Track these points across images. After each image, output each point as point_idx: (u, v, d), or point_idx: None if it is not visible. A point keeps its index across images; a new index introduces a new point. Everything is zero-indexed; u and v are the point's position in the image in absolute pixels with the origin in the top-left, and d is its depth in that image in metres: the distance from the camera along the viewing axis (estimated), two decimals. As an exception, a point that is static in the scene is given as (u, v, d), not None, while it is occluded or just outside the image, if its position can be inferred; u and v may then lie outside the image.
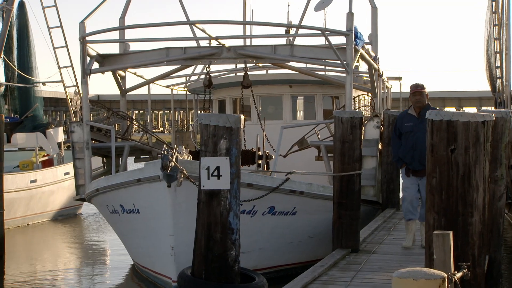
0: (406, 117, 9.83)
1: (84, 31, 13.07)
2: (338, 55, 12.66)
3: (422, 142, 8.21)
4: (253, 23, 17.39)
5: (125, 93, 15.69)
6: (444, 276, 3.59)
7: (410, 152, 9.62)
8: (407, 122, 9.72)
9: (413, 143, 9.57)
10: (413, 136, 9.59)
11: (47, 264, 15.62)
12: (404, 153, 9.73)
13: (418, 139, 9.35)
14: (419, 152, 9.30)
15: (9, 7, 21.66)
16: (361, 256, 9.51)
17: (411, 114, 9.78)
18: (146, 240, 11.41)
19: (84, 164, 13.19)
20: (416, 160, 9.55)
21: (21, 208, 19.76)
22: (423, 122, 8.33)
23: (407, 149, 9.66)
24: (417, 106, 9.70)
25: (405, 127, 9.71)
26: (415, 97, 9.69)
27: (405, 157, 9.73)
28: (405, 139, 9.73)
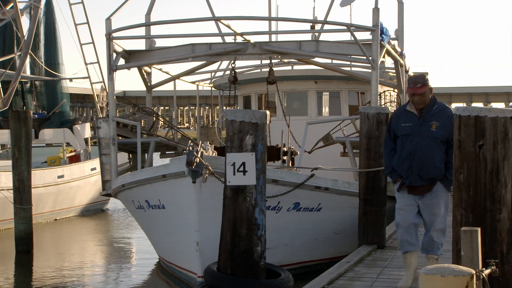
0: (403, 115, 7.42)
1: (110, 27, 13.12)
2: (363, 50, 12.58)
3: (423, 149, 7.15)
4: (279, 19, 17.32)
5: (150, 89, 15.74)
6: (472, 273, 3.55)
7: (407, 161, 7.24)
8: (404, 121, 7.33)
9: (411, 150, 7.22)
10: (411, 141, 7.22)
11: (74, 259, 15.75)
12: (399, 163, 7.34)
13: (418, 145, 7.18)
14: (418, 162, 7.16)
15: (37, 4, 21.84)
16: (387, 253, 9.46)
17: (410, 112, 7.34)
18: (171, 236, 11.44)
19: (110, 160, 13.26)
20: (414, 172, 7.21)
21: (49, 203, 19.94)
22: (425, 123, 7.21)
23: (403, 157, 7.28)
24: (419, 107, 7.31)
25: (402, 129, 7.33)
26: (414, 97, 7.26)
27: (400, 169, 7.34)
28: (401, 145, 7.34)
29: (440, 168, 7.12)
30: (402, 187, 7.38)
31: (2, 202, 17.45)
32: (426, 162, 7.11)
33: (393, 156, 7.40)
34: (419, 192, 7.27)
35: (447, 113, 7.14)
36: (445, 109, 7.26)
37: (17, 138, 15.49)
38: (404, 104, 7.67)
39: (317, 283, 7.66)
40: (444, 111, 7.22)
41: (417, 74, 7.53)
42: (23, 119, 15.58)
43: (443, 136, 7.10)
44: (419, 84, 7.18)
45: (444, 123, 7.09)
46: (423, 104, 7.24)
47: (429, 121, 7.16)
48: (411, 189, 7.30)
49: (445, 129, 7.07)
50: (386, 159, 7.59)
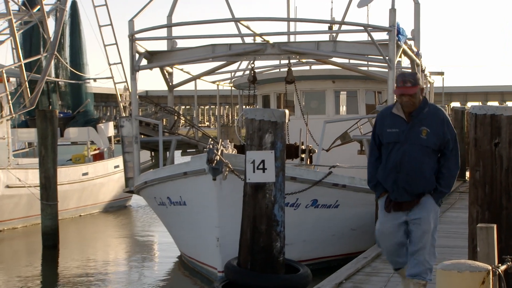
0: (389, 119, 6.12)
1: (133, 29, 13.17)
2: (380, 50, 12.53)
3: (411, 160, 5.91)
4: (297, 20, 17.30)
5: (172, 88, 15.77)
6: (488, 269, 3.52)
7: (392, 173, 6.02)
8: (390, 126, 6.07)
9: (396, 161, 5.99)
10: (398, 150, 5.99)
11: (98, 254, 15.83)
12: (384, 176, 6.11)
13: (405, 154, 5.95)
14: (405, 175, 5.95)
15: (63, 7, 21.98)
16: (403, 249, 9.39)
17: (396, 115, 6.07)
18: (192, 232, 11.47)
19: (133, 158, 13.31)
20: (400, 187, 6.00)
21: (74, 199, 20.04)
22: (414, 129, 5.95)
23: (388, 169, 6.05)
24: (408, 110, 6.05)
25: (387, 135, 6.07)
26: (403, 97, 6.01)
27: (386, 182, 6.11)
28: (387, 154, 6.09)
29: (430, 181, 5.98)
30: (389, 206, 6.12)
31: (30, 198, 17.58)
32: (414, 175, 5.92)
33: (378, 166, 6.19)
34: (405, 208, 6.07)
35: (439, 117, 5.99)
36: (437, 112, 6.03)
37: (44, 136, 15.60)
38: (390, 105, 6.36)
39: (335, 278, 7.64)
40: (436, 114, 6.00)
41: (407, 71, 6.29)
42: (49, 118, 15.68)
43: (434, 144, 5.93)
44: (409, 83, 5.93)
45: (436, 129, 5.93)
46: (412, 107, 5.97)
47: (418, 127, 5.94)
48: (396, 206, 6.09)
49: (437, 136, 5.92)
50: (370, 169, 6.29)
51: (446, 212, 13.16)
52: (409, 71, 6.06)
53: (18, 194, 17.97)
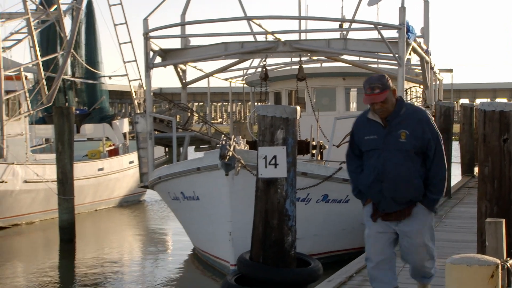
0: (366, 125, 5.57)
1: (147, 27, 13.19)
2: (390, 48, 12.50)
3: (394, 167, 5.35)
4: (308, 18, 17.24)
5: (185, 86, 15.80)
6: (497, 263, 3.50)
7: (376, 184, 5.45)
8: (368, 134, 5.52)
9: (378, 170, 5.42)
10: (378, 157, 5.43)
11: (113, 247, 15.89)
12: (366, 185, 5.55)
13: (386, 162, 5.38)
14: (390, 184, 5.38)
15: (79, 6, 22.05)
16: (413, 243, 9.36)
17: (373, 121, 5.51)
18: (205, 226, 11.48)
19: (147, 153, 13.34)
20: (386, 197, 5.43)
21: (90, 194, 20.11)
22: (392, 133, 5.39)
23: (371, 179, 5.48)
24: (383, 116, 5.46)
25: (366, 143, 5.53)
26: (374, 105, 5.43)
27: (369, 192, 5.56)
28: (367, 162, 5.56)
29: (418, 186, 5.40)
30: (376, 214, 5.52)
31: (47, 193, 17.66)
32: (400, 182, 5.35)
33: (360, 173, 5.64)
34: (394, 219, 5.47)
35: (417, 117, 5.42)
36: (415, 113, 5.47)
37: (60, 132, 15.66)
38: (365, 110, 5.64)
39: (346, 271, 7.63)
40: (414, 115, 5.43)
41: (374, 75, 5.48)
42: (65, 115, 15.73)
43: (415, 147, 5.36)
44: (377, 90, 5.30)
45: (415, 130, 5.36)
46: (386, 112, 5.40)
47: (396, 130, 5.37)
48: (385, 216, 5.50)
49: (416, 137, 5.35)
50: (352, 178, 5.76)
51: (455, 207, 13.11)
52: (377, 75, 5.54)
53: (35, 189, 18.06)
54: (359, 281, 7.27)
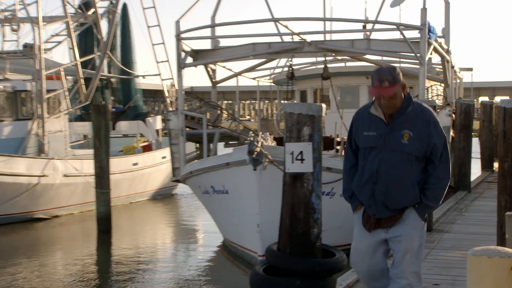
0: (366, 120, 4.81)
1: (179, 29, 13.23)
2: (412, 48, 12.40)
3: (390, 169, 4.62)
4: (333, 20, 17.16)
5: (215, 84, 15.82)
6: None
7: (369, 185, 4.72)
8: (367, 129, 4.76)
9: (374, 170, 4.69)
10: (375, 157, 4.69)
11: (147, 238, 15.99)
12: (359, 187, 4.82)
13: (382, 163, 4.65)
14: (383, 187, 4.65)
15: (115, 9, 22.20)
16: (434, 235, 9.30)
17: (375, 116, 4.75)
18: (234, 218, 11.50)
19: (179, 149, 13.40)
20: (378, 201, 4.69)
21: (125, 188, 20.24)
22: (394, 132, 4.64)
23: (364, 179, 4.75)
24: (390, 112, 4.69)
25: (364, 139, 4.77)
26: (379, 101, 4.70)
27: (361, 194, 4.82)
28: (363, 161, 4.81)
29: (413, 194, 4.65)
30: (369, 222, 4.80)
31: (85, 186, 17.82)
32: (394, 187, 4.62)
33: (354, 174, 4.90)
34: (385, 225, 4.76)
35: (424, 118, 4.65)
36: (423, 113, 4.68)
37: (97, 129, 15.78)
38: (368, 103, 4.92)
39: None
40: (421, 115, 4.66)
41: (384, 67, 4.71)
42: (102, 113, 15.85)
43: (418, 151, 4.61)
44: (386, 83, 4.56)
45: (420, 132, 4.61)
46: (393, 109, 4.65)
47: (399, 130, 4.62)
48: (376, 224, 4.80)
49: (421, 140, 4.60)
50: (345, 178, 5.02)
51: (475, 201, 12.97)
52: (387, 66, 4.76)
53: (74, 182, 18.22)
54: (382, 271, 7.22)
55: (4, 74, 19.14)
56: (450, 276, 6.91)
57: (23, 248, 14.64)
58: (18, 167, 16.77)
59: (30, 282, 11.33)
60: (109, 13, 22.38)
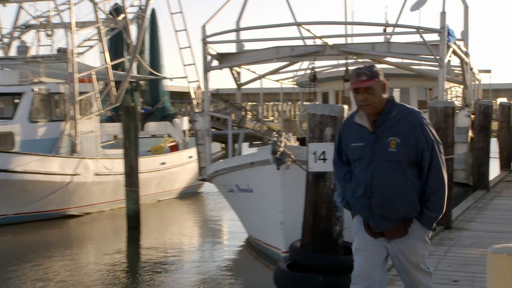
0: (353, 130, 4.36)
1: (205, 33, 13.26)
2: (431, 51, 12.30)
3: (382, 180, 4.17)
4: (354, 23, 17.12)
5: (240, 86, 15.83)
6: (537, 253, 3.39)
7: (363, 199, 4.26)
8: (354, 140, 4.32)
9: (366, 183, 4.23)
10: (365, 169, 4.24)
11: (174, 234, 16.05)
12: (353, 199, 4.35)
13: (374, 174, 4.19)
14: (379, 199, 4.20)
15: (143, 14, 22.33)
16: (453, 233, 9.20)
17: (359, 125, 4.31)
18: (258, 216, 11.50)
19: (205, 149, 13.42)
20: (376, 214, 4.24)
21: (153, 186, 20.32)
22: (381, 140, 4.20)
23: (359, 193, 4.28)
24: (367, 112, 4.24)
25: (352, 151, 4.34)
26: (358, 96, 4.23)
27: (357, 207, 4.36)
28: (355, 172, 4.36)
29: (411, 202, 4.20)
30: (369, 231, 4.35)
31: (115, 185, 17.94)
32: (390, 198, 4.18)
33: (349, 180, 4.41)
34: (387, 236, 4.28)
35: (410, 122, 4.19)
36: (408, 115, 4.23)
37: (127, 130, 15.87)
38: (353, 112, 4.44)
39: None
40: (406, 118, 4.21)
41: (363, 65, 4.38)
42: (132, 114, 15.94)
43: (407, 157, 4.16)
44: (363, 77, 4.18)
45: (407, 137, 4.16)
46: (372, 109, 4.20)
47: (385, 137, 4.18)
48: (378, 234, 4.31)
49: (409, 146, 4.16)
50: (341, 187, 4.53)
51: (493, 200, 12.81)
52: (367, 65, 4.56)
53: (105, 181, 18.35)
54: (402, 268, 7.17)
55: (39, 78, 19.34)
56: (470, 273, 6.83)
57: (57, 243, 14.79)
58: (52, 166, 16.94)
59: (62, 275, 11.43)
60: (138, 18, 22.51)
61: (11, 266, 12.16)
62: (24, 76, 18.82)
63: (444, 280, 6.55)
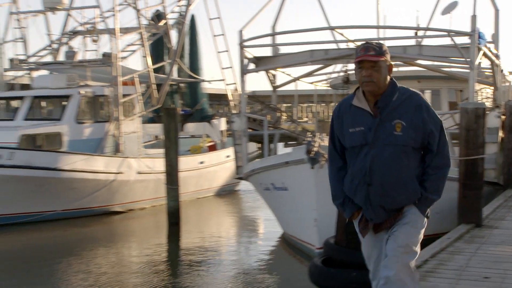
0: (349, 115, 3.91)
1: (242, 38, 13.30)
2: (462, 53, 12.14)
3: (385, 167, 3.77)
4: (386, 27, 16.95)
5: (276, 89, 15.83)
6: None
7: (362, 187, 3.85)
8: (352, 125, 3.87)
9: (365, 170, 3.82)
10: (366, 155, 3.82)
11: (212, 230, 16.12)
12: (351, 189, 3.93)
13: (376, 161, 3.78)
14: (379, 188, 3.80)
15: (183, 20, 22.50)
16: (484, 231, 9.06)
17: (359, 109, 3.88)
18: (293, 213, 11.49)
19: (242, 149, 13.46)
20: (374, 204, 3.86)
21: (192, 184, 20.43)
22: (384, 124, 3.79)
23: (356, 182, 3.87)
24: (369, 90, 3.83)
25: (351, 137, 3.88)
26: (362, 71, 3.82)
27: (356, 197, 3.93)
28: (353, 160, 3.91)
29: (413, 190, 3.83)
30: (366, 228, 3.97)
31: (156, 183, 18.09)
32: (392, 187, 3.79)
33: (343, 177, 3.98)
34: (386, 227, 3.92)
35: (414, 103, 3.84)
36: (412, 97, 3.86)
37: (168, 130, 16.00)
38: (349, 95, 3.98)
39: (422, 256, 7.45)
40: (410, 100, 3.84)
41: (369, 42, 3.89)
42: (172, 115, 16.06)
43: (414, 141, 3.79)
44: (371, 51, 3.77)
45: (413, 119, 3.79)
46: (375, 87, 3.78)
47: (389, 121, 3.78)
48: (375, 227, 3.96)
49: (415, 128, 3.79)
50: (333, 182, 4.07)
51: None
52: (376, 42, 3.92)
53: (147, 179, 18.53)
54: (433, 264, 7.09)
55: (86, 81, 19.64)
56: (501, 270, 6.73)
57: (101, 238, 15.00)
58: (97, 165, 17.18)
59: (106, 267, 11.59)
60: (179, 24, 22.69)
61: (59, 258, 12.39)
62: (71, 80, 19.13)
63: (475, 276, 6.47)
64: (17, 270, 11.60)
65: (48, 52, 21.52)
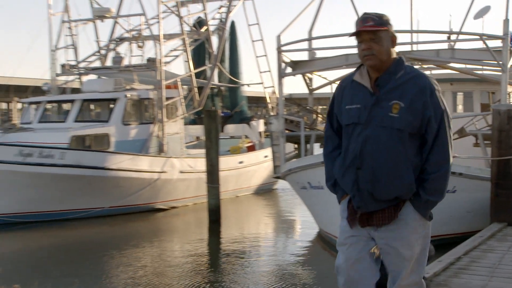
0: (349, 90, 3.42)
1: (280, 42, 13.31)
2: (494, 56, 11.92)
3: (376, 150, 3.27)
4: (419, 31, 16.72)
5: (312, 91, 15.79)
6: None
7: (351, 170, 3.34)
8: (350, 101, 3.38)
9: (357, 152, 3.31)
10: (358, 135, 3.32)
11: (251, 227, 16.16)
12: (340, 172, 3.42)
13: (368, 142, 3.28)
14: (369, 173, 3.28)
15: (224, 26, 22.62)
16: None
17: (359, 84, 3.37)
18: (328, 211, 11.44)
19: (279, 149, 13.45)
20: (363, 190, 3.30)
21: (232, 183, 20.49)
22: (382, 103, 3.30)
23: (347, 163, 3.37)
24: (371, 64, 3.30)
25: (347, 114, 3.40)
26: (361, 45, 3.31)
27: (343, 181, 3.42)
28: (346, 141, 3.41)
29: (407, 181, 3.29)
30: (353, 217, 3.39)
31: (198, 182, 18.21)
32: (383, 173, 3.27)
33: (336, 157, 3.51)
34: (376, 222, 3.34)
35: (419, 85, 3.30)
36: (417, 78, 3.33)
37: (209, 131, 16.09)
38: (352, 72, 3.47)
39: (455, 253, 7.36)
40: (415, 80, 3.31)
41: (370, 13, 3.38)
42: (213, 117, 16.14)
43: (410, 125, 3.27)
44: (370, 22, 3.27)
45: (413, 102, 3.27)
46: (376, 60, 3.28)
47: (387, 100, 3.28)
48: (364, 219, 3.36)
49: (413, 112, 3.27)
50: (326, 162, 3.61)
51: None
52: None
53: (189, 178, 18.66)
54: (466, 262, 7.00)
55: (131, 85, 19.91)
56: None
57: (146, 234, 15.18)
58: (142, 164, 17.39)
59: (150, 262, 11.74)
60: (219, 30, 22.82)
61: (105, 251, 12.59)
62: (118, 84, 19.42)
63: (508, 274, 6.36)
64: (68, 261, 11.83)
65: (97, 57, 21.89)
